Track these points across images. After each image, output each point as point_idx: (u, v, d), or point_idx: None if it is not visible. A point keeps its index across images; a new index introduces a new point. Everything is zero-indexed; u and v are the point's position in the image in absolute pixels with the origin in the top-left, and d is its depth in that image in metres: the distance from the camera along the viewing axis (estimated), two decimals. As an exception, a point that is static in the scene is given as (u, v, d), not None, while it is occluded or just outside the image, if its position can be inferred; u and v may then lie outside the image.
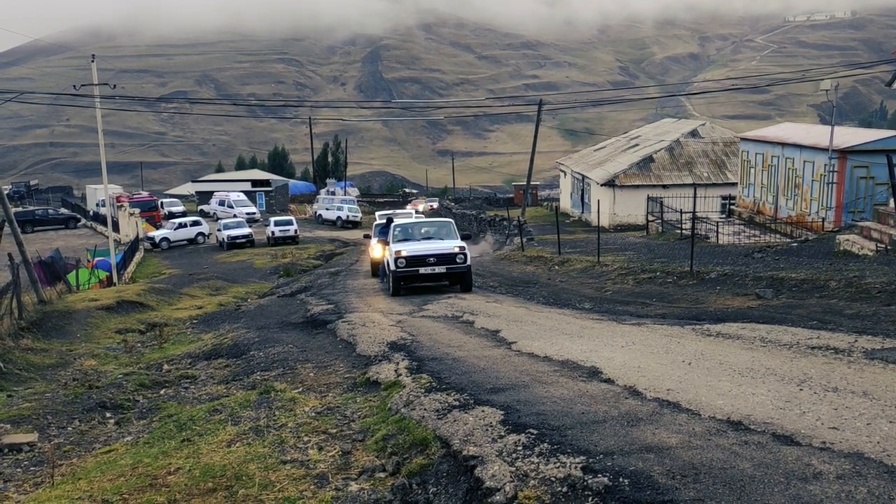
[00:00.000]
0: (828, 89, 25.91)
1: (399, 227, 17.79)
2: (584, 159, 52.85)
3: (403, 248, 16.12)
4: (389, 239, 17.24)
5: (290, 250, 38.07)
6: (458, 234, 17.50)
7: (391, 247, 16.69)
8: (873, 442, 4.02)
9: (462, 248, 16.08)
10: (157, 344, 13.47)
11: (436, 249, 16.15)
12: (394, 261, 15.87)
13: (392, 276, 16.11)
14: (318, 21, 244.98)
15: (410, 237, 17.31)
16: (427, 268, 15.82)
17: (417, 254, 15.94)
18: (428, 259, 15.88)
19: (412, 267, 15.78)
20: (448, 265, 15.90)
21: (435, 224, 18.78)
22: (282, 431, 6.13)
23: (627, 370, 6.41)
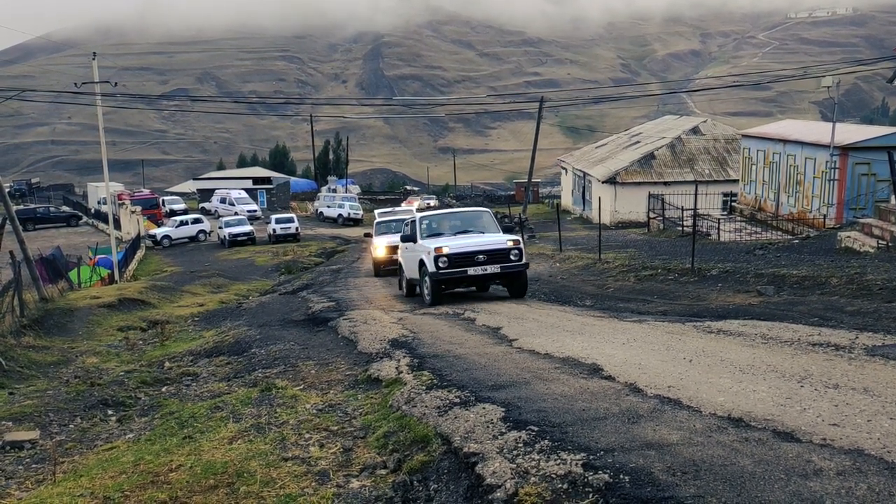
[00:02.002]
0: (829, 86, 25.89)
1: (428, 220, 15.16)
2: (586, 156, 52.84)
3: (444, 244, 13.27)
4: (416, 234, 14.49)
5: (292, 248, 38.10)
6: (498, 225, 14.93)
7: (423, 244, 13.84)
8: (874, 438, 4.02)
9: (517, 243, 13.38)
10: (159, 341, 13.49)
11: (485, 244, 13.35)
12: (433, 261, 12.96)
13: (431, 280, 13.15)
14: (326, 18, 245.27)
15: (443, 231, 14.62)
16: (477, 268, 12.94)
17: (464, 251, 13.10)
18: (477, 257, 13.01)
19: (458, 267, 12.93)
20: (502, 264, 13.07)
21: (469, 214, 16.06)
22: (283, 429, 6.14)
23: (628, 367, 6.41)
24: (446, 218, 15.52)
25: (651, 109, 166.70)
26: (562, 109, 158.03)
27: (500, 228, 14.71)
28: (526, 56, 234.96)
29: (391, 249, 21.63)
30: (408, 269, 15.33)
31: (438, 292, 13.39)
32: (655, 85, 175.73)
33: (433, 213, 16.66)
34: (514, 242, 13.39)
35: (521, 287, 13.75)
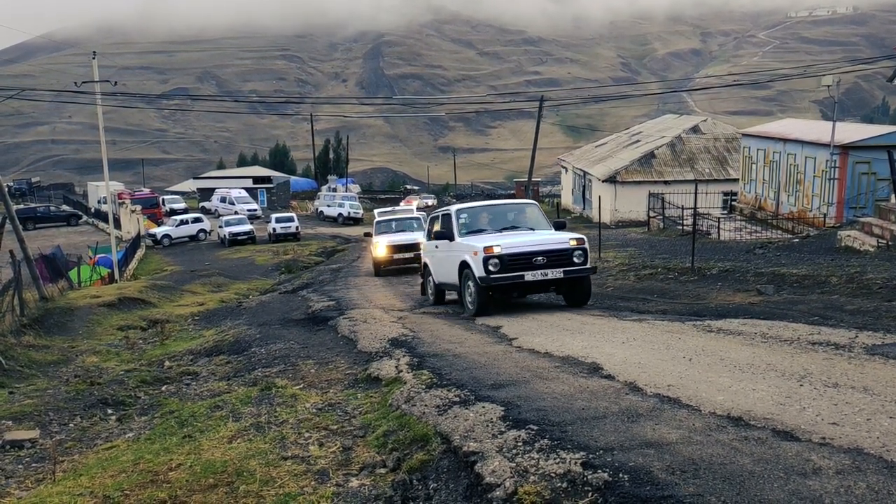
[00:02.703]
0: (829, 85, 25.88)
1: (467, 214, 12.71)
2: (586, 155, 52.83)
3: (494, 242, 10.96)
4: (452, 231, 12.22)
5: (292, 247, 38.11)
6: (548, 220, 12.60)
7: (464, 242, 11.68)
8: (873, 437, 4.03)
9: (581, 242, 11.12)
10: (159, 340, 13.49)
11: (544, 243, 11.08)
12: (481, 263, 10.72)
13: (478, 286, 10.91)
14: (328, 17, 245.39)
15: (484, 227, 12.38)
16: (535, 272, 10.73)
17: (520, 251, 10.83)
18: (535, 259, 10.76)
19: (512, 271, 10.69)
20: (565, 267, 10.84)
21: (514, 207, 13.59)
22: (283, 428, 6.15)
23: (628, 366, 6.41)
24: (487, 211, 13.05)
25: (651, 108, 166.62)
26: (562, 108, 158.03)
27: (550, 224, 12.32)
28: (526, 55, 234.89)
29: (392, 248, 21.66)
30: (438, 271, 13.18)
31: (486, 301, 11.08)
32: (656, 84, 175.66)
33: (471, 205, 13.57)
34: (577, 242, 11.09)
35: (584, 295, 11.52)
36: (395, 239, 22.16)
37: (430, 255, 13.76)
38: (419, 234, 22.48)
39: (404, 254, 21.77)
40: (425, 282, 14.46)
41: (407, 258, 21.80)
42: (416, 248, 21.56)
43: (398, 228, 23.35)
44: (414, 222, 23.97)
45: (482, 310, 11.09)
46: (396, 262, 21.92)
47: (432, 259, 13.65)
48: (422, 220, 24.28)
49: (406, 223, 23.89)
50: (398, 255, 21.79)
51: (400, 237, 22.35)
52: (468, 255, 11.17)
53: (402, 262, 22.00)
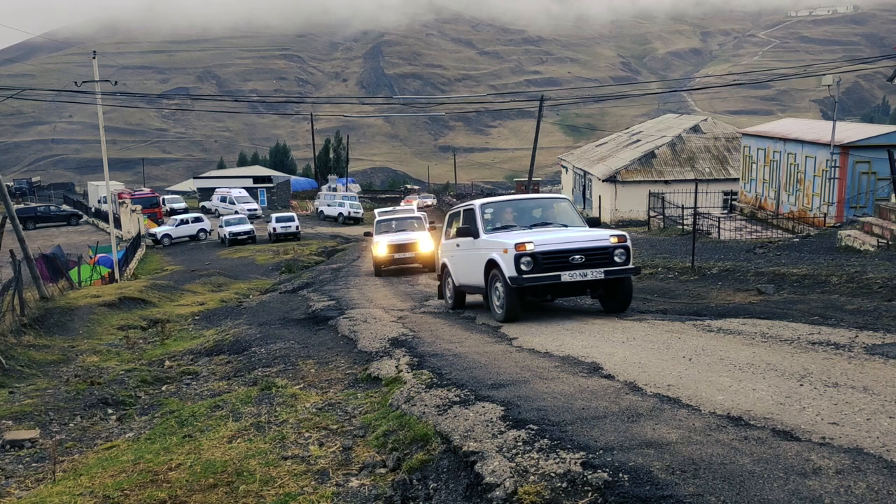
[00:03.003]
0: (830, 84, 25.87)
1: (493, 208, 11.55)
2: (586, 155, 52.83)
3: (526, 239, 9.77)
4: (477, 227, 11.01)
5: (292, 247, 38.10)
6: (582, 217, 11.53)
7: (491, 239, 10.51)
8: (873, 437, 4.02)
9: (622, 239, 9.97)
10: (159, 340, 13.49)
11: (582, 240, 9.88)
12: (512, 262, 9.56)
13: (508, 288, 9.73)
14: (330, 16, 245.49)
15: (512, 223, 11.14)
16: (573, 272, 9.57)
17: (556, 248, 9.68)
18: (573, 257, 9.63)
19: (547, 271, 9.54)
20: (606, 267, 9.71)
21: (544, 202, 12.27)
22: (283, 427, 6.15)
23: (628, 366, 6.41)
24: (514, 206, 11.81)
25: (651, 108, 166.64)
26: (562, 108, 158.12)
27: (584, 220, 11.23)
28: (526, 54, 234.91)
29: (392, 248, 21.55)
30: (459, 272, 11.99)
31: (516, 305, 9.92)
32: (656, 83, 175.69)
33: (496, 199, 12.49)
34: (618, 239, 9.93)
35: (625, 299, 10.26)
36: (395, 238, 22.03)
37: (450, 254, 12.43)
38: (420, 233, 22.52)
39: (405, 253, 21.69)
40: (443, 284, 13.08)
41: (408, 258, 21.74)
42: (416, 247, 21.63)
43: (399, 228, 23.22)
44: (415, 222, 23.94)
45: (512, 314, 9.89)
46: (397, 261, 21.81)
47: (452, 259, 12.31)
48: (423, 220, 24.29)
49: (407, 223, 23.83)
50: (399, 254, 21.67)
51: (401, 236, 22.24)
52: (496, 253, 9.94)
53: (403, 262, 21.93)
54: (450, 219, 12.93)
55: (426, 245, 21.73)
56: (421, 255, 21.69)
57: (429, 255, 21.52)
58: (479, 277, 10.76)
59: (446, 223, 12.99)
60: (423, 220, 24.54)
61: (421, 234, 22.53)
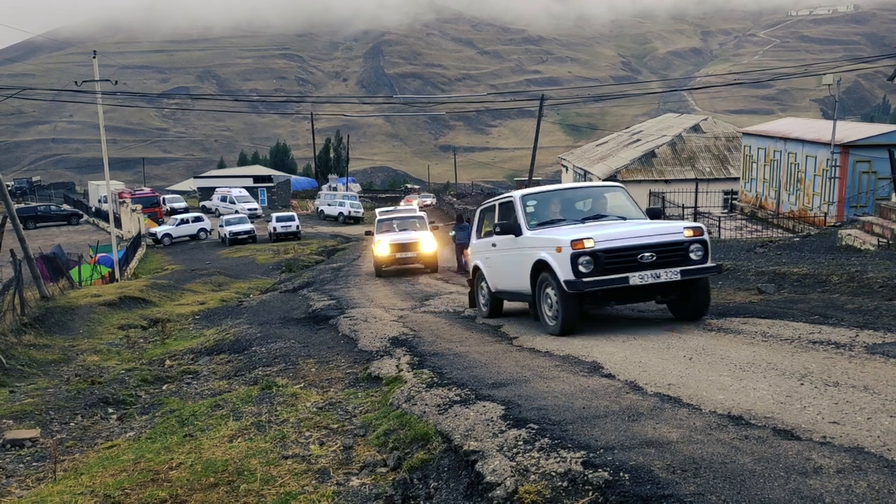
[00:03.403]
0: (830, 84, 25.86)
1: (536, 200, 9.93)
2: (587, 154, 52.81)
3: (584, 234, 8.14)
4: (519, 222, 9.44)
5: (293, 246, 38.11)
6: (640, 208, 9.83)
7: (538, 236, 9.00)
8: (873, 436, 4.02)
9: (698, 232, 8.38)
10: (160, 339, 13.50)
11: (651, 234, 8.29)
12: (567, 262, 7.98)
13: (564, 294, 8.11)
14: (331, 15, 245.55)
15: (560, 217, 9.55)
16: (644, 273, 7.99)
17: (622, 244, 8.09)
18: (641, 255, 8.05)
19: (612, 273, 7.99)
20: (682, 266, 8.14)
21: (594, 192, 10.57)
22: (283, 427, 6.15)
23: (628, 365, 6.41)
24: (562, 196, 10.18)
25: (652, 107, 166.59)
26: (562, 107, 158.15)
27: (643, 213, 9.65)
28: (527, 54, 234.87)
29: (394, 247, 21.37)
30: (496, 276, 10.45)
31: (575, 314, 8.27)
32: (656, 83, 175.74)
33: (539, 190, 10.79)
34: (694, 232, 8.35)
35: (702, 303, 8.61)
36: (397, 238, 21.84)
37: (484, 255, 10.86)
38: (422, 233, 22.38)
39: (407, 253, 21.50)
40: (475, 290, 11.50)
41: (410, 257, 21.57)
42: (419, 247, 21.46)
43: (400, 227, 23.07)
44: (416, 221, 23.82)
45: (568, 326, 8.30)
46: (399, 261, 21.63)
47: (487, 261, 10.73)
48: (424, 219, 24.19)
49: (408, 222, 23.71)
50: (400, 254, 21.47)
51: (402, 236, 22.07)
52: (546, 252, 8.40)
53: (405, 262, 21.76)
54: (482, 215, 11.46)
55: (428, 245, 21.61)
56: (423, 255, 21.54)
57: (431, 254, 21.44)
58: (522, 282, 9.15)
59: (477, 220, 11.58)
60: (425, 219, 24.43)
61: (423, 233, 22.37)
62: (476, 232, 11.57)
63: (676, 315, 8.96)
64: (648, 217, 9.53)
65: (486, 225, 11.14)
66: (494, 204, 10.82)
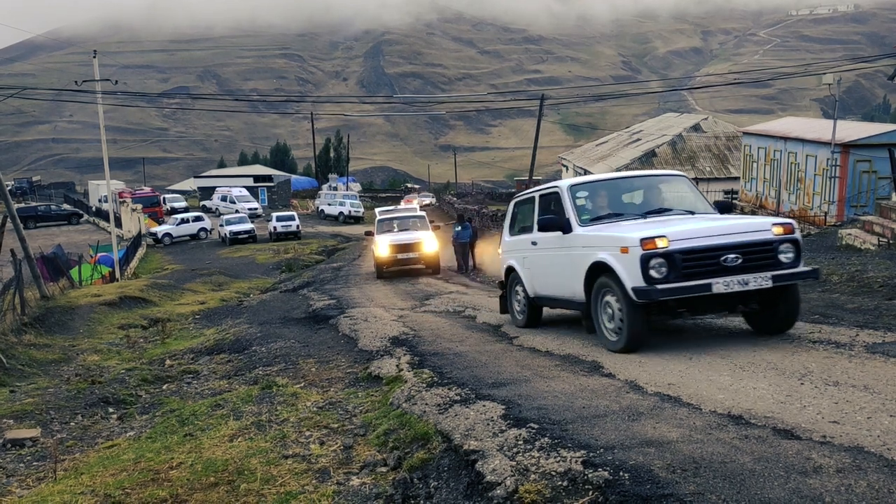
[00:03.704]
0: (830, 83, 25.86)
1: (588, 191, 8.52)
2: (587, 154, 52.82)
3: (655, 232, 6.80)
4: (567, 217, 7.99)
5: (293, 246, 38.11)
6: (706, 200, 8.47)
7: (593, 233, 7.60)
8: (874, 436, 4.02)
9: (789, 229, 6.99)
10: (160, 339, 13.50)
11: (735, 231, 6.88)
12: (636, 265, 6.64)
13: (629, 305, 6.78)
14: (332, 15, 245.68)
15: (614, 211, 8.10)
16: (728, 278, 6.60)
17: (703, 244, 6.71)
18: (725, 257, 6.66)
19: (692, 278, 6.60)
20: (773, 270, 6.77)
21: (653, 181, 9.00)
22: (283, 426, 6.15)
23: (629, 364, 6.41)
24: (616, 187, 8.82)
25: (652, 107, 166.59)
26: (563, 107, 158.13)
27: (711, 205, 8.28)
28: (527, 53, 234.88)
29: (395, 248, 20.97)
30: (537, 279, 9.02)
31: (643, 327, 6.87)
32: (656, 82, 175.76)
33: (589, 179, 9.25)
34: (784, 229, 6.94)
35: (790, 314, 7.22)
36: (398, 238, 21.44)
37: (520, 255, 9.46)
38: (423, 232, 22.02)
39: (408, 254, 21.10)
40: (508, 294, 10.07)
41: (411, 258, 21.19)
42: (420, 247, 21.06)
43: (401, 227, 22.69)
44: (417, 221, 23.47)
45: (634, 341, 6.88)
46: (400, 262, 21.24)
47: (525, 262, 9.32)
48: (425, 219, 23.89)
49: (409, 222, 23.34)
50: (402, 254, 21.07)
51: (403, 236, 21.66)
52: (607, 252, 7.00)
53: (406, 263, 21.40)
54: (515, 209, 10.01)
55: (430, 245, 21.24)
56: (425, 256, 21.18)
57: (433, 255, 21.11)
58: (572, 287, 7.81)
59: (510, 215, 10.12)
60: (426, 219, 24.14)
61: (424, 233, 21.99)
62: (508, 228, 10.11)
63: (756, 328, 7.47)
64: (718, 211, 8.20)
65: (520, 220, 9.76)
66: (533, 196, 9.27)
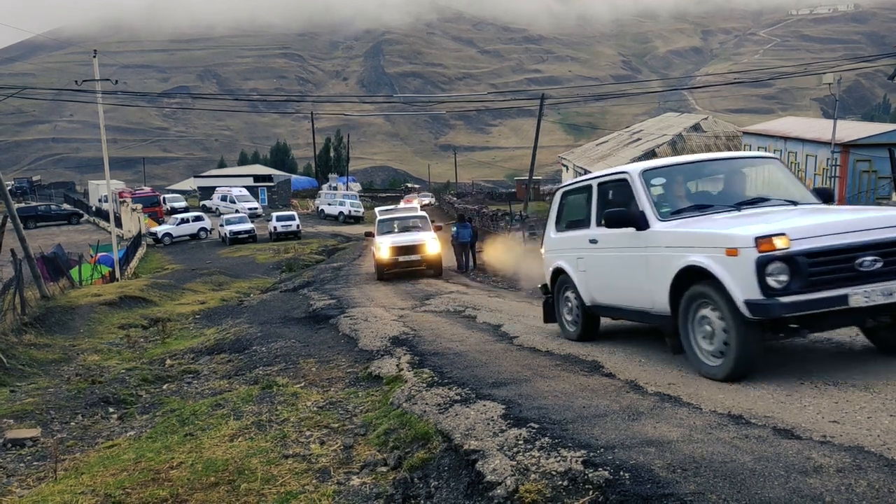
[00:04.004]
0: (830, 83, 25.87)
1: (663, 177, 7.05)
2: (587, 154, 52.84)
3: (773, 228, 5.32)
4: (643, 210, 6.57)
5: (293, 245, 38.11)
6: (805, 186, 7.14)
7: (680, 229, 6.16)
8: (874, 435, 4.03)
9: None
10: (160, 339, 13.50)
11: (867, 228, 5.35)
12: (752, 272, 5.17)
13: (738, 321, 5.33)
14: (333, 15, 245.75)
15: (698, 202, 6.67)
16: (868, 288, 5.17)
17: (835, 245, 5.22)
18: (862, 260, 5.22)
19: (823, 287, 5.17)
20: None
21: (736, 164, 7.47)
22: (284, 426, 6.15)
23: (629, 364, 6.42)
24: (699, 172, 7.35)
25: (652, 106, 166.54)
26: (563, 107, 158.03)
27: (812, 194, 6.79)
28: (527, 53, 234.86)
29: (396, 250, 20.34)
30: (595, 284, 7.52)
31: (756, 349, 5.50)
32: (657, 82, 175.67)
33: (666, 163, 7.41)
34: None
35: None
36: (399, 240, 20.81)
37: (573, 255, 7.90)
38: (426, 233, 21.44)
39: (410, 256, 20.48)
40: (557, 301, 8.48)
41: (413, 260, 20.56)
42: (423, 249, 20.50)
43: (402, 228, 22.07)
44: (419, 221, 22.80)
45: (745, 366, 5.49)
46: (401, 264, 20.55)
47: (580, 264, 7.76)
48: (427, 219, 23.19)
49: (411, 222, 22.71)
50: (403, 257, 20.43)
51: (405, 237, 21.02)
52: (705, 255, 5.55)
53: (408, 265, 20.71)
54: (563, 200, 8.51)
55: (433, 247, 20.67)
56: (428, 258, 20.62)
57: (435, 256, 20.60)
58: (650, 296, 6.37)
59: (556, 207, 8.57)
60: (428, 219, 23.66)
61: (426, 234, 21.36)
62: (554, 223, 8.55)
63: (881, 345, 6.11)
64: (820, 200, 6.67)
65: (569, 213, 8.35)
66: (589, 184, 7.71)
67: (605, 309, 7.57)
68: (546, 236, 8.84)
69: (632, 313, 7.02)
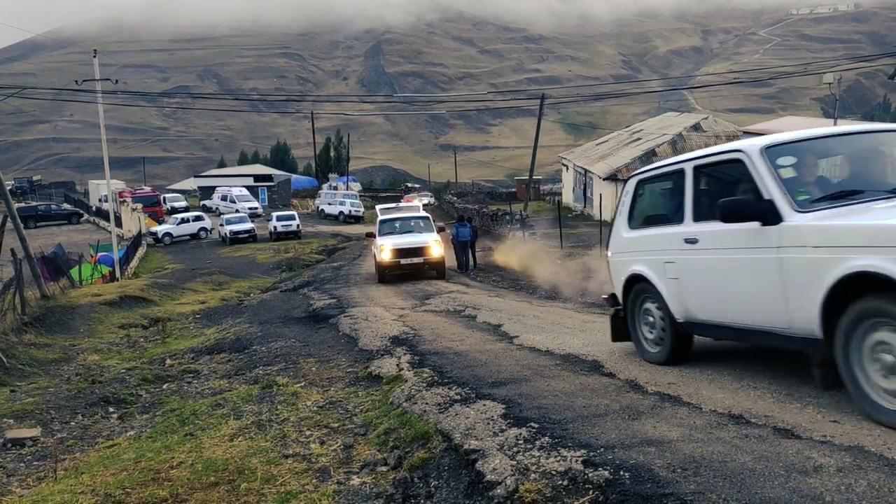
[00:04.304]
0: (831, 83, 25.87)
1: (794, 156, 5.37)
2: (587, 153, 52.82)
3: None
4: (770, 201, 4.90)
5: (293, 245, 38.12)
6: None
7: (833, 223, 4.53)
8: (874, 435, 4.02)
9: None
10: (160, 339, 13.51)
11: None
12: None
13: None
14: (334, 14, 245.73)
15: (844, 189, 4.99)
16: None
17: None
18: None
19: None
20: None
21: (877, 139, 5.83)
22: (284, 426, 6.15)
23: (629, 363, 6.41)
24: (837, 148, 5.79)
25: (652, 106, 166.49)
26: (563, 106, 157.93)
27: None
28: (527, 53, 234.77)
29: (397, 253, 19.72)
30: (694, 294, 5.88)
31: None
32: (657, 81, 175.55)
33: (795, 137, 5.56)
34: None
35: None
36: (401, 242, 20.16)
37: (658, 258, 6.29)
38: (429, 235, 20.87)
39: (412, 259, 19.82)
40: (634, 314, 6.78)
41: (416, 263, 19.92)
42: (427, 252, 19.94)
43: (404, 229, 21.41)
44: (421, 222, 22.18)
45: None
46: (403, 267, 19.94)
47: (670, 269, 6.13)
48: (430, 220, 22.66)
49: (413, 223, 22.07)
50: (405, 259, 19.76)
51: (407, 239, 20.40)
52: (883, 257, 4.07)
53: (410, 268, 20.09)
54: (639, 189, 6.90)
55: (436, 250, 20.07)
56: (431, 261, 20.03)
57: (438, 259, 20.07)
58: (789, 313, 4.86)
59: (628, 199, 6.95)
60: (431, 219, 22.72)
61: (430, 235, 20.77)
62: (627, 219, 6.93)
63: None
64: None
65: (647, 207, 6.84)
66: (682, 168, 6.10)
67: (706, 327, 5.91)
68: (614, 235, 7.15)
69: (750, 333, 5.42)
